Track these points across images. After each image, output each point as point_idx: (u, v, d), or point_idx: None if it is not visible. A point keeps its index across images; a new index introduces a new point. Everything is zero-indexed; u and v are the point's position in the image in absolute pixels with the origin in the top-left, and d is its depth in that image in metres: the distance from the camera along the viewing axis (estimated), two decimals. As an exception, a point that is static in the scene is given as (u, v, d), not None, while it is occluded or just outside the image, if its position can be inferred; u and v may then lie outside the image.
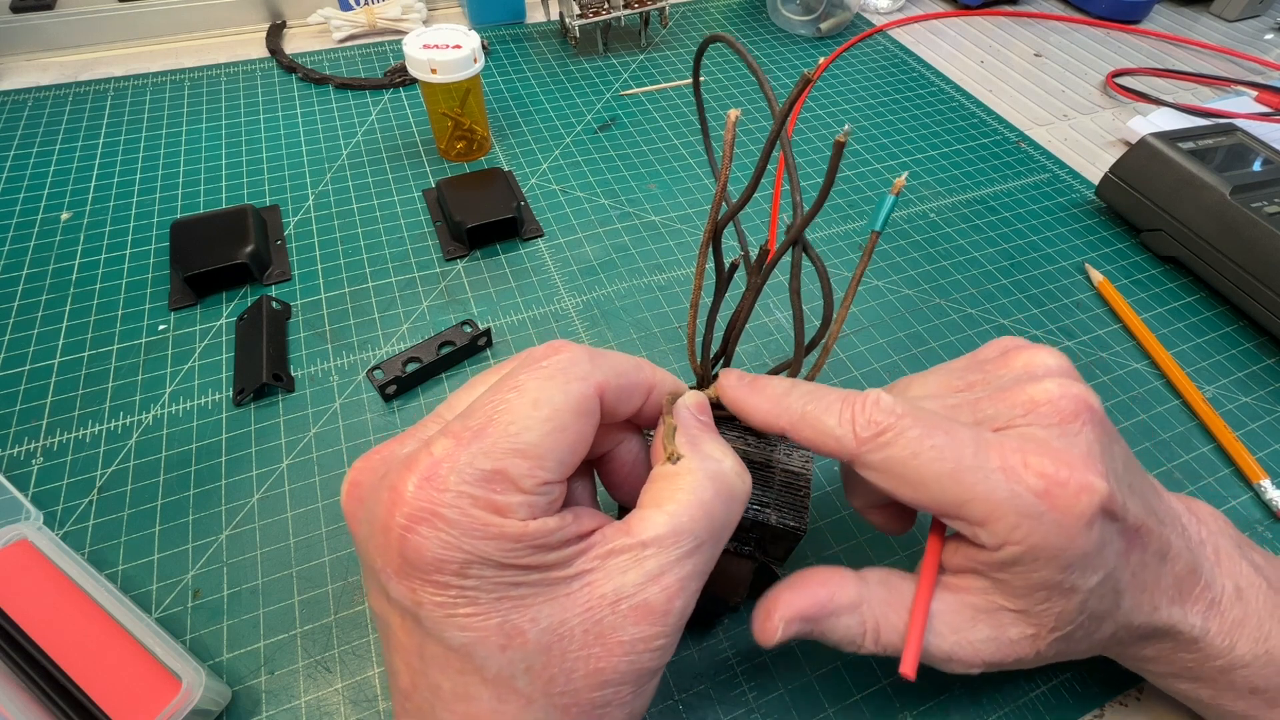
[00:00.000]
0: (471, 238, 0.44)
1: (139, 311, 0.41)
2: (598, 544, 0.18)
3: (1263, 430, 0.38)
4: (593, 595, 0.17)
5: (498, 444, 0.17)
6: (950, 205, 0.51)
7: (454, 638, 0.16)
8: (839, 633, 0.22)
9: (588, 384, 0.19)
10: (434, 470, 0.17)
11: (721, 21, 0.71)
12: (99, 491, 0.33)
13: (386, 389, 0.36)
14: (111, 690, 0.25)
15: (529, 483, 0.17)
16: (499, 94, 0.59)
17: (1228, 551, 0.24)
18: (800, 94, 0.18)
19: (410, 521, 0.16)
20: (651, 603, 0.18)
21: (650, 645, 0.18)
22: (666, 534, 0.18)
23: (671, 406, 0.22)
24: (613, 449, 0.22)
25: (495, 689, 0.17)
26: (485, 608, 0.16)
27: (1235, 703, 0.24)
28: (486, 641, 0.16)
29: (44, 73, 0.59)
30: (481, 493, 0.16)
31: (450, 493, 0.16)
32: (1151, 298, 0.45)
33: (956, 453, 0.19)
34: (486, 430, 0.17)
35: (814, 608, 0.22)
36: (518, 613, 0.17)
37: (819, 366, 0.24)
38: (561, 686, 0.17)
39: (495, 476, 0.17)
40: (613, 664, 0.17)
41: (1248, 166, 0.45)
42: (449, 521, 0.16)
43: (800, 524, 0.24)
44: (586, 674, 0.17)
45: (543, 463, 0.17)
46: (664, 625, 0.18)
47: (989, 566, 0.21)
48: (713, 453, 0.20)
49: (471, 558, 0.16)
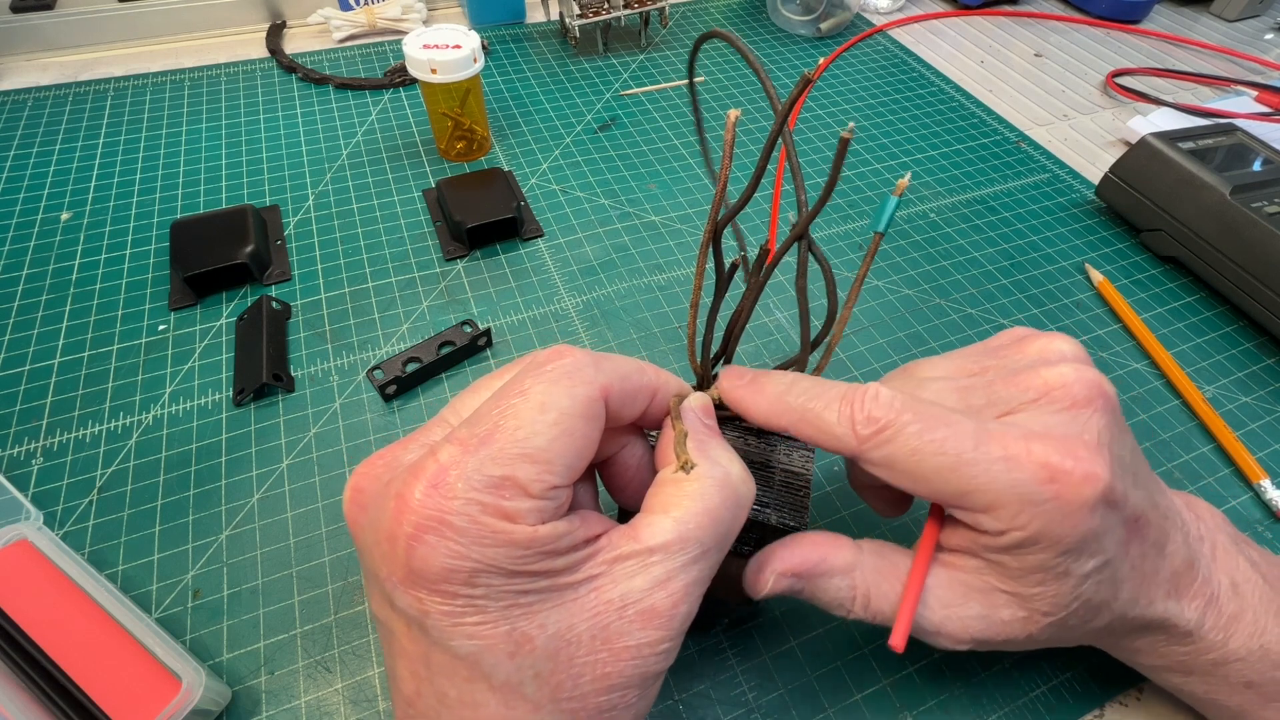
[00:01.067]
0: (471, 238, 0.44)
1: (139, 311, 0.41)
2: (604, 549, 0.18)
3: (1263, 430, 0.38)
4: (600, 600, 0.17)
5: (505, 449, 0.17)
6: (950, 205, 0.51)
7: (461, 646, 0.16)
8: (829, 594, 0.23)
9: (593, 388, 0.19)
10: (441, 477, 0.16)
11: (721, 21, 0.71)
12: (99, 491, 0.33)
13: (386, 389, 0.36)
14: (111, 690, 0.25)
15: (538, 488, 0.17)
16: (499, 94, 0.59)
17: (1225, 547, 0.24)
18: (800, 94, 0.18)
19: (418, 530, 0.16)
20: (658, 608, 0.18)
21: (656, 649, 0.18)
22: (673, 540, 0.18)
23: (679, 410, 0.22)
24: (616, 452, 0.22)
25: (503, 696, 0.17)
26: (493, 616, 0.16)
27: (1230, 698, 0.24)
28: (494, 649, 0.16)
29: (44, 73, 0.59)
30: (490, 499, 0.16)
31: (459, 500, 0.16)
32: (1151, 298, 0.45)
33: (957, 445, 0.19)
34: (494, 436, 0.17)
35: (806, 565, 0.22)
36: (526, 620, 0.17)
37: (823, 366, 0.24)
38: (569, 692, 0.17)
39: (504, 483, 0.16)
40: (619, 668, 0.17)
41: (1248, 166, 0.45)
42: (458, 530, 0.16)
43: (800, 524, 0.24)
44: (594, 679, 0.17)
45: (551, 467, 0.17)
46: (669, 630, 0.18)
47: (988, 549, 0.21)
48: (720, 459, 0.20)
49: (480, 566, 0.16)
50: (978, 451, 0.19)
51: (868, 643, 0.29)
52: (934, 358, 0.25)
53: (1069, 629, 0.22)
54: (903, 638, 0.21)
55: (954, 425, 0.20)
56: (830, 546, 0.23)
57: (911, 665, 0.29)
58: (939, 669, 0.29)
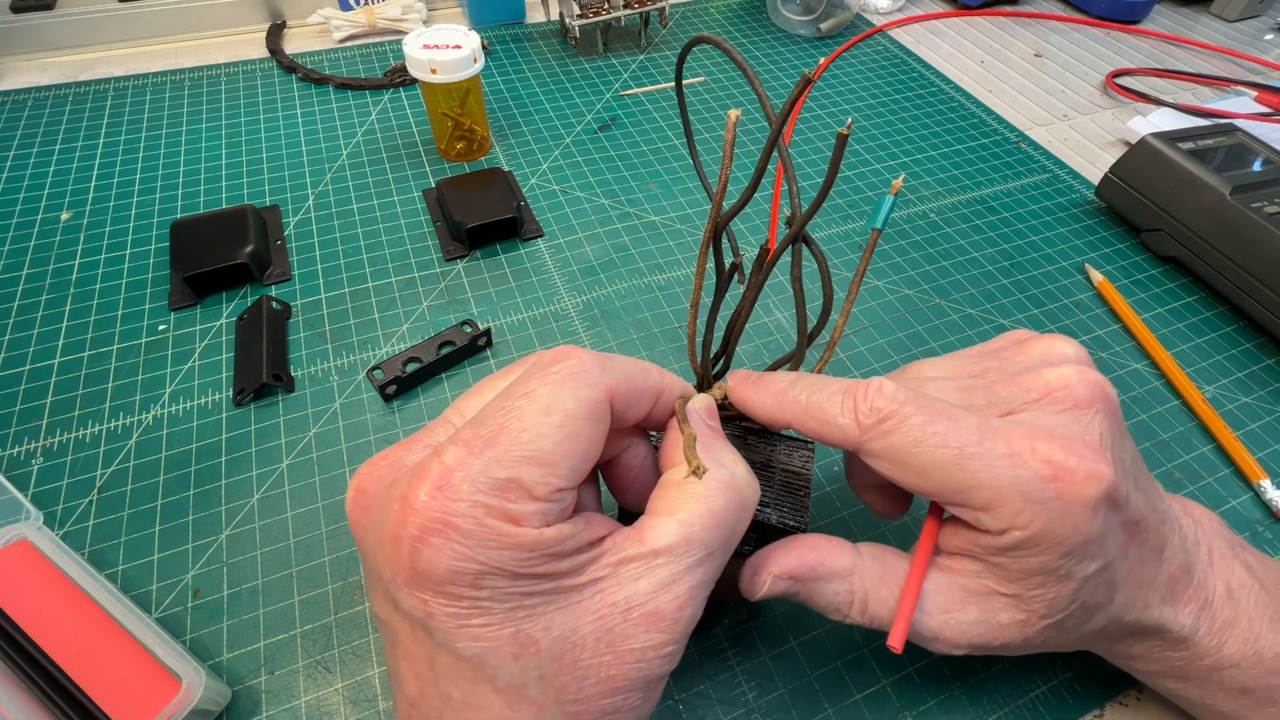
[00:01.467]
0: (471, 238, 0.44)
1: (139, 311, 0.41)
2: (609, 551, 0.18)
3: (1263, 430, 0.38)
4: (604, 603, 0.17)
5: (510, 451, 0.17)
6: (950, 205, 0.51)
7: (466, 648, 0.16)
8: (826, 597, 0.23)
9: (598, 389, 0.18)
10: (446, 479, 0.16)
11: (721, 21, 0.71)
12: (99, 491, 0.33)
13: (386, 389, 0.36)
14: (111, 690, 0.25)
15: (543, 490, 0.17)
16: (499, 94, 0.59)
17: (1221, 552, 0.24)
18: (800, 94, 0.18)
19: (423, 532, 0.16)
20: (662, 610, 0.18)
21: (660, 652, 0.18)
22: (678, 542, 0.18)
23: (685, 412, 0.22)
24: (620, 454, 0.22)
25: (507, 698, 0.17)
26: (498, 618, 0.16)
27: (1226, 703, 0.24)
28: (499, 651, 0.16)
29: (44, 73, 0.59)
30: (496, 501, 0.16)
31: (464, 502, 0.16)
32: (1151, 298, 0.45)
33: (960, 439, 0.19)
34: (499, 437, 0.17)
35: (803, 568, 0.22)
36: (530, 622, 0.17)
37: (824, 362, 0.24)
38: (573, 694, 0.17)
39: (509, 485, 0.16)
40: (623, 671, 0.17)
41: (1248, 166, 0.45)
42: (463, 532, 0.16)
43: (800, 524, 0.24)
44: (598, 681, 0.17)
45: (556, 470, 0.17)
46: (674, 633, 0.18)
47: (987, 551, 0.21)
48: (725, 461, 0.20)
49: (485, 568, 0.16)
50: (981, 446, 0.19)
51: (868, 643, 0.29)
52: (934, 359, 0.25)
53: (1065, 632, 0.22)
54: (901, 639, 0.21)
55: (957, 419, 0.20)
56: (828, 550, 0.23)
57: (911, 665, 0.29)
58: (939, 669, 0.29)
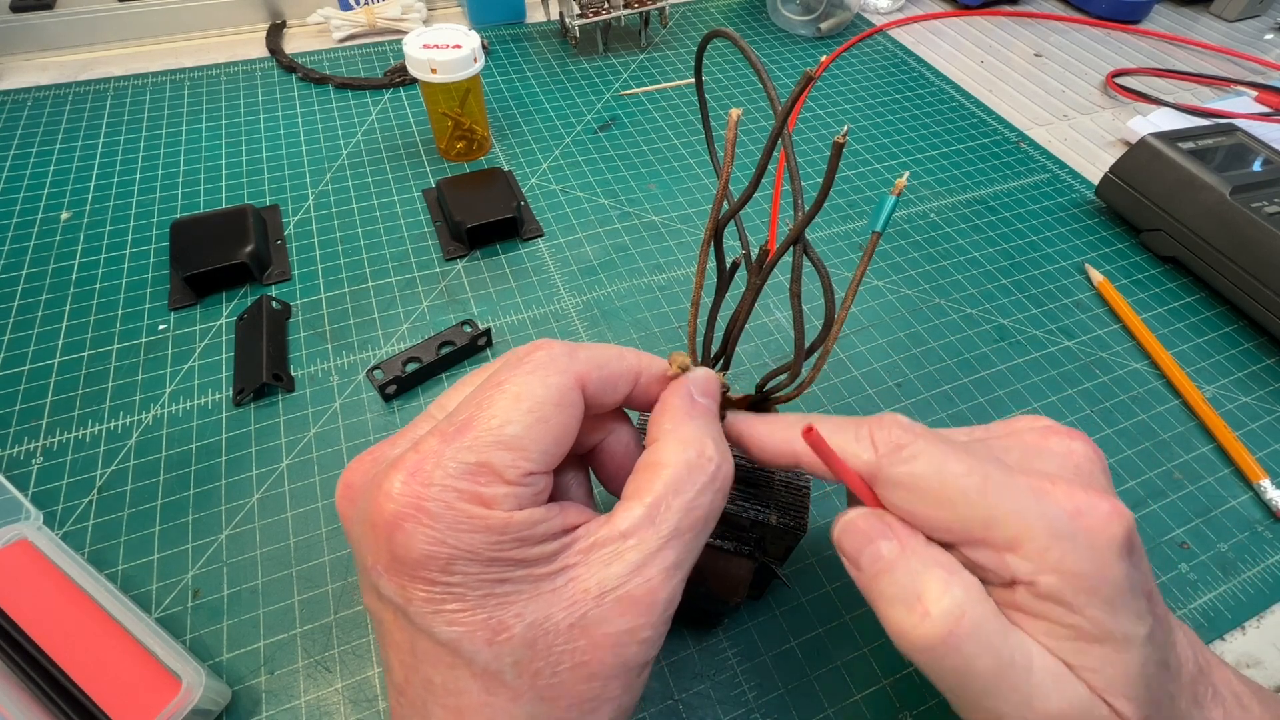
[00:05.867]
0: (471, 238, 0.44)
1: (139, 311, 0.41)
2: (581, 538, 0.18)
3: (1263, 430, 0.38)
4: (576, 590, 0.18)
5: (480, 437, 0.17)
6: (950, 205, 0.51)
7: (442, 633, 0.17)
8: None
9: (567, 376, 0.19)
10: (419, 466, 0.17)
11: (721, 21, 0.71)
12: (99, 491, 0.33)
13: (386, 389, 0.36)
14: (111, 690, 0.25)
15: (513, 473, 0.17)
16: (499, 94, 0.59)
17: (1217, 662, 0.23)
18: (801, 92, 0.18)
19: (397, 518, 0.17)
20: (635, 594, 0.18)
21: (636, 637, 0.18)
22: (644, 525, 0.18)
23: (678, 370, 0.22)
24: (603, 439, 0.22)
25: (484, 682, 0.17)
26: (471, 604, 0.17)
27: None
28: (473, 636, 0.17)
29: (44, 73, 0.59)
30: (466, 485, 0.17)
31: (435, 487, 0.17)
32: (1151, 298, 0.45)
33: (984, 469, 0.19)
34: (470, 425, 0.18)
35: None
36: (503, 609, 0.17)
37: (819, 367, 0.24)
38: (548, 680, 0.17)
39: (479, 469, 0.17)
40: (599, 657, 0.17)
41: (1248, 166, 0.45)
42: (434, 515, 0.16)
43: (800, 524, 0.24)
44: (573, 667, 0.17)
45: (526, 454, 0.18)
46: (649, 617, 0.18)
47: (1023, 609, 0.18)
48: (691, 439, 0.20)
49: (457, 553, 0.16)
50: (1006, 476, 0.18)
51: (868, 642, 0.29)
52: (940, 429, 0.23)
53: None
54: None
55: (977, 454, 0.19)
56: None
57: (911, 665, 0.29)
58: (939, 669, 0.29)
